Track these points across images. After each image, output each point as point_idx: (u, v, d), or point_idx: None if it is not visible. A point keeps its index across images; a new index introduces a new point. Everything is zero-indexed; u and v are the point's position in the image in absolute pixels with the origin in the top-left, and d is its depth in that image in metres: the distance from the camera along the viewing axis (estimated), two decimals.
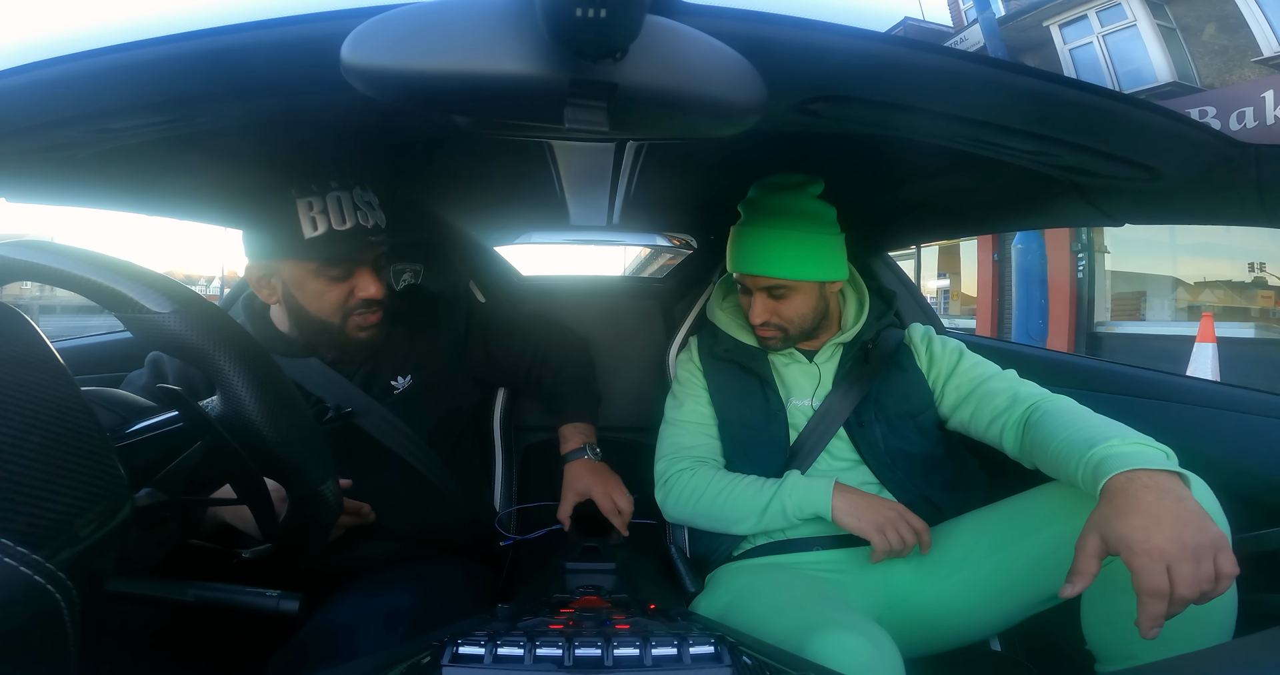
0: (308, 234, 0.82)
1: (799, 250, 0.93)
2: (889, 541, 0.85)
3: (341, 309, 0.88)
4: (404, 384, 0.96)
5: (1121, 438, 0.71)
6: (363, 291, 0.87)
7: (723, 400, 1.04)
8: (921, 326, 1.06)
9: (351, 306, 0.88)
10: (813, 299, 0.97)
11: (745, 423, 1.01)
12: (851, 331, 1.01)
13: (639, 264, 7.47)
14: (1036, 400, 0.88)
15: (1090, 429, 0.75)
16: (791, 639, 0.67)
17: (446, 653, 0.42)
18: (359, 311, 0.89)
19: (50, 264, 0.42)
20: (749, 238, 0.96)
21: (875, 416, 0.97)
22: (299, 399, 0.51)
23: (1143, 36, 4.17)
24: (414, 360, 0.97)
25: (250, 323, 0.94)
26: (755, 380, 1.02)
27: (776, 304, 0.96)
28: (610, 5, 0.32)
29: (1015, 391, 0.91)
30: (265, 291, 0.89)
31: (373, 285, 0.88)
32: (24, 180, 0.71)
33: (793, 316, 0.97)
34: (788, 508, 0.90)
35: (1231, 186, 0.65)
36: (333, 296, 0.87)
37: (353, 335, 0.90)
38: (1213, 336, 4.32)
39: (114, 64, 0.49)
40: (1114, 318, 6.37)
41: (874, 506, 0.88)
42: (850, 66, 0.51)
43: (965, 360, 0.99)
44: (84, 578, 0.32)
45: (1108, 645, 0.74)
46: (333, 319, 0.88)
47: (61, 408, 0.35)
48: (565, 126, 0.40)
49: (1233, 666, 0.41)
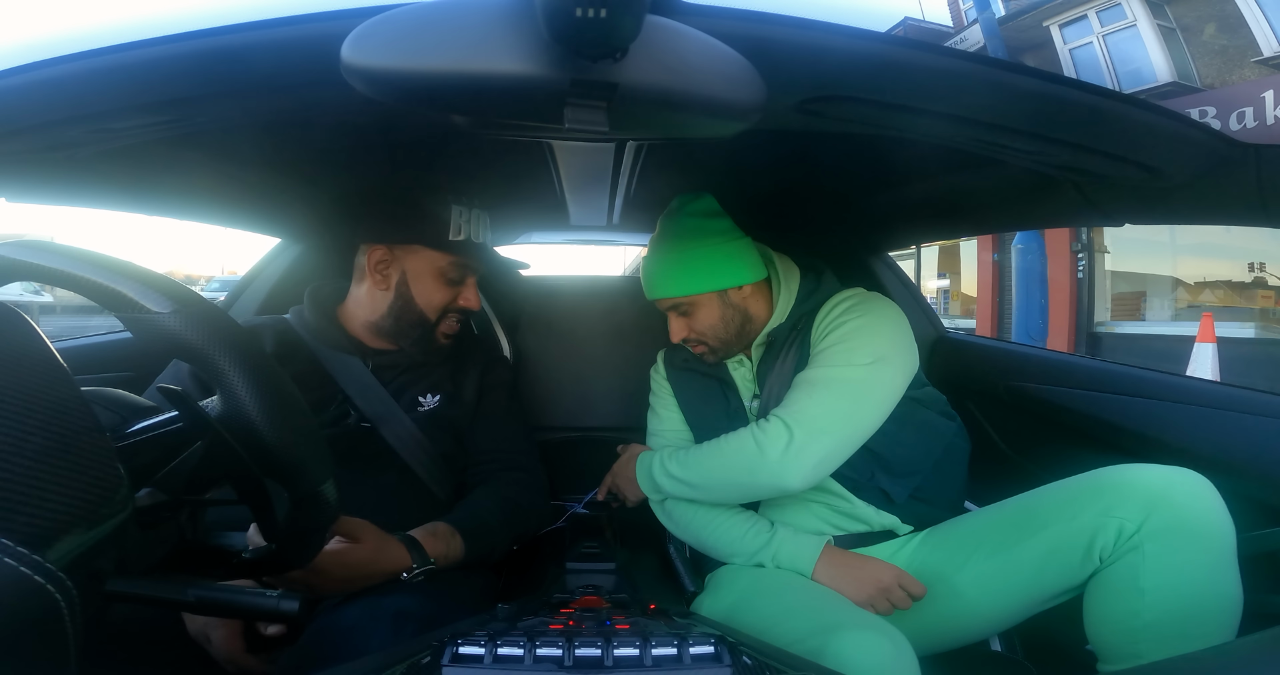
0: (452, 236, 0.93)
1: (684, 266, 0.96)
2: (880, 610, 0.85)
3: (442, 310, 0.96)
4: (431, 402, 0.98)
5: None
6: (465, 300, 0.97)
7: (690, 407, 1.07)
8: (841, 295, 0.97)
9: (450, 310, 0.97)
10: (717, 308, 0.97)
11: (710, 425, 1.02)
12: (769, 327, 0.99)
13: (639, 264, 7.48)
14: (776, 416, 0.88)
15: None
16: (809, 639, 0.67)
17: (446, 653, 0.42)
18: (453, 316, 0.98)
19: (50, 264, 0.42)
20: (646, 265, 1.01)
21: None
22: (299, 399, 0.51)
23: (1143, 36, 4.17)
24: (446, 386, 1.00)
25: (312, 310, 0.98)
26: (715, 383, 1.05)
27: (687, 320, 0.99)
28: (610, 5, 0.32)
29: (783, 402, 0.90)
30: (378, 277, 0.95)
31: (475, 297, 0.98)
32: (24, 180, 0.71)
33: (704, 329, 0.98)
34: (778, 561, 0.90)
35: (1231, 186, 0.65)
36: (441, 297, 0.96)
37: (437, 338, 0.98)
38: (1213, 336, 4.32)
39: (114, 64, 0.49)
40: (1114, 318, 6.37)
41: (860, 578, 0.86)
42: (850, 66, 0.51)
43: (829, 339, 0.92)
44: (84, 578, 0.32)
45: (1111, 645, 0.74)
46: (431, 317, 0.96)
47: (61, 408, 0.35)
48: (565, 126, 0.40)
49: (1234, 666, 0.41)
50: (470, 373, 1.04)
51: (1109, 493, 0.77)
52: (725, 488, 0.92)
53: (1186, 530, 0.71)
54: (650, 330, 1.60)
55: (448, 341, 0.99)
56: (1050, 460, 0.93)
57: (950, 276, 9.21)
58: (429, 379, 1.00)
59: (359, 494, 0.83)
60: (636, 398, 1.20)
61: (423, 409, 0.97)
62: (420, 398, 0.98)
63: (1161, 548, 0.71)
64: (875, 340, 0.91)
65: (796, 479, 0.85)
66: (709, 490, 0.93)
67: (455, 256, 0.95)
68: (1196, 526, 0.71)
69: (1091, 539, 0.76)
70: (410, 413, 0.95)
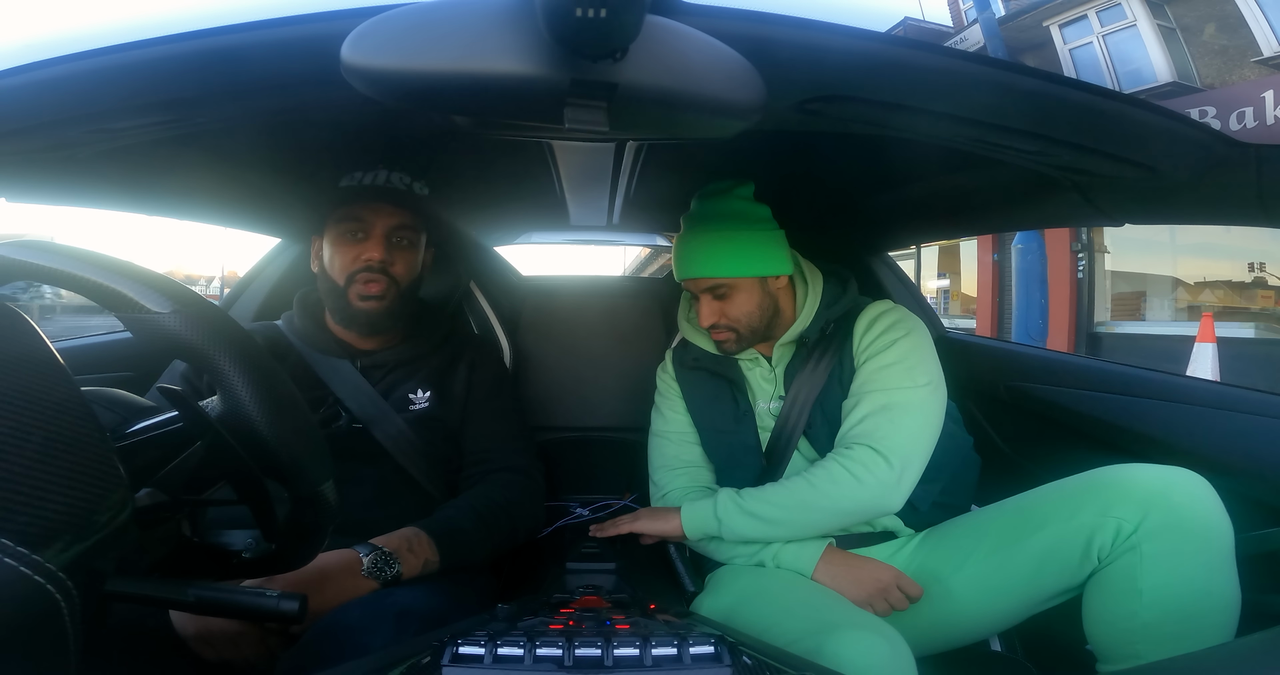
0: (342, 183, 0.93)
1: (730, 248, 0.94)
2: (878, 611, 0.86)
3: (347, 272, 0.92)
4: (422, 401, 0.97)
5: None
6: (366, 253, 0.92)
7: (697, 408, 1.05)
8: (876, 308, 1.00)
9: (355, 270, 0.92)
10: (756, 295, 0.96)
11: (717, 427, 1.02)
12: (796, 328, 0.99)
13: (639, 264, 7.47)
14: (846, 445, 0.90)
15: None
16: (806, 639, 0.67)
17: (446, 653, 0.42)
18: (362, 276, 0.92)
19: (50, 264, 0.42)
20: (685, 244, 0.98)
21: (819, 415, 0.97)
22: (299, 399, 0.51)
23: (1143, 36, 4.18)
24: (435, 382, 0.99)
25: (300, 315, 0.98)
26: (725, 384, 1.03)
27: (721, 305, 0.96)
28: (610, 5, 0.32)
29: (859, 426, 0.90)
30: (318, 265, 0.97)
31: (376, 250, 0.92)
32: (24, 180, 0.71)
33: (739, 315, 0.96)
34: (779, 561, 0.91)
35: (1231, 186, 0.65)
36: (344, 257, 0.93)
37: (354, 303, 0.93)
38: (1213, 336, 4.31)
39: (114, 64, 0.49)
40: (1114, 318, 6.37)
41: (860, 578, 0.88)
42: (850, 66, 0.51)
43: (885, 357, 0.93)
44: (84, 578, 0.32)
45: (1110, 645, 0.74)
46: (339, 281, 0.93)
47: (61, 408, 0.35)
48: (565, 126, 0.40)
49: (1234, 666, 0.41)
50: (459, 370, 1.03)
51: (1106, 492, 0.77)
52: (817, 519, 0.90)
53: (1184, 530, 0.71)
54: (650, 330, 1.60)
55: (372, 304, 0.92)
56: (1050, 460, 0.93)
57: (950, 276, 9.21)
58: (418, 376, 0.99)
59: (352, 494, 0.82)
60: (636, 397, 1.20)
61: (414, 408, 0.97)
62: (410, 395, 0.97)
63: (1159, 548, 0.71)
64: (927, 358, 0.95)
65: (899, 503, 0.88)
66: (792, 524, 0.90)
67: (344, 207, 0.93)
68: (1194, 526, 0.71)
69: (1089, 539, 0.76)
70: (401, 413, 0.95)
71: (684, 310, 1.12)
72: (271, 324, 1.01)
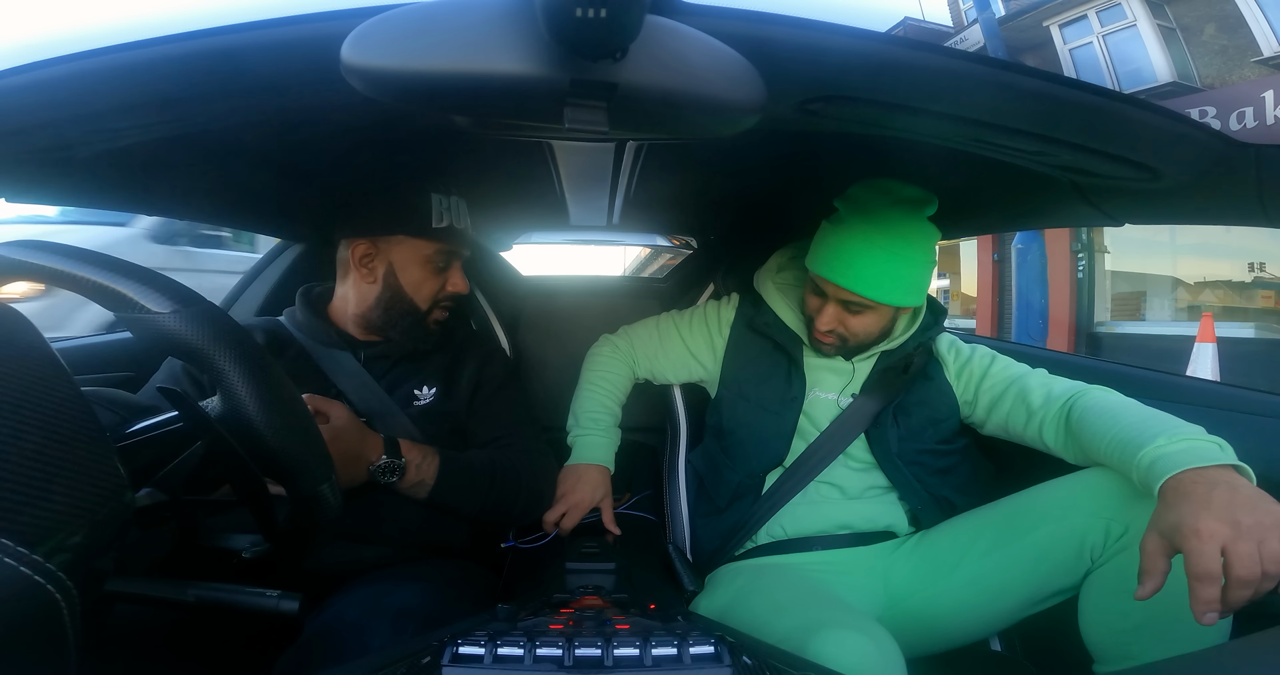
0: (435, 224, 0.95)
1: (900, 275, 0.88)
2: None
3: (433, 298, 0.98)
4: (427, 396, 0.98)
5: (1169, 435, 0.69)
6: (453, 286, 0.99)
7: (741, 374, 1.02)
8: (948, 336, 1.06)
9: (440, 298, 0.98)
10: (885, 318, 0.95)
11: (760, 402, 1.00)
12: (898, 341, 0.99)
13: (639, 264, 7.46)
14: (1073, 395, 0.87)
15: (1134, 426, 0.73)
16: (792, 638, 0.67)
17: (446, 653, 0.42)
18: (443, 304, 0.99)
19: (50, 264, 0.42)
20: (851, 247, 0.89)
21: (894, 421, 0.97)
22: (299, 399, 0.51)
23: (1143, 36, 4.18)
24: (442, 378, 1.00)
25: (303, 308, 0.99)
26: (784, 360, 1.01)
27: (849, 317, 0.93)
28: (610, 5, 0.32)
29: (1049, 388, 0.90)
30: (363, 271, 0.96)
31: (463, 282, 1.00)
32: (24, 180, 0.71)
33: (859, 331, 0.94)
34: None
35: (1231, 186, 0.65)
36: (431, 285, 0.97)
37: (429, 326, 0.99)
38: (1213, 336, 4.31)
39: (114, 64, 0.49)
40: (1114, 317, 6.36)
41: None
42: (850, 66, 0.51)
43: (997, 363, 1.00)
44: (84, 578, 0.32)
45: (1104, 645, 0.74)
46: (422, 306, 0.97)
47: (61, 408, 0.35)
48: (565, 126, 0.40)
49: (1232, 666, 0.41)
50: (467, 366, 1.03)
51: (1098, 493, 0.77)
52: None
53: None
54: None
55: (439, 330, 1.01)
56: (1050, 460, 0.93)
57: (950, 276, 9.19)
58: (424, 371, 0.99)
59: (356, 488, 0.83)
60: (636, 397, 1.19)
61: (419, 403, 0.97)
62: (416, 391, 0.97)
63: None
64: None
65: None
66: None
67: (440, 243, 0.96)
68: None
69: (1082, 539, 0.76)
70: (406, 408, 0.95)
71: (772, 272, 1.07)
72: (273, 318, 1.01)
